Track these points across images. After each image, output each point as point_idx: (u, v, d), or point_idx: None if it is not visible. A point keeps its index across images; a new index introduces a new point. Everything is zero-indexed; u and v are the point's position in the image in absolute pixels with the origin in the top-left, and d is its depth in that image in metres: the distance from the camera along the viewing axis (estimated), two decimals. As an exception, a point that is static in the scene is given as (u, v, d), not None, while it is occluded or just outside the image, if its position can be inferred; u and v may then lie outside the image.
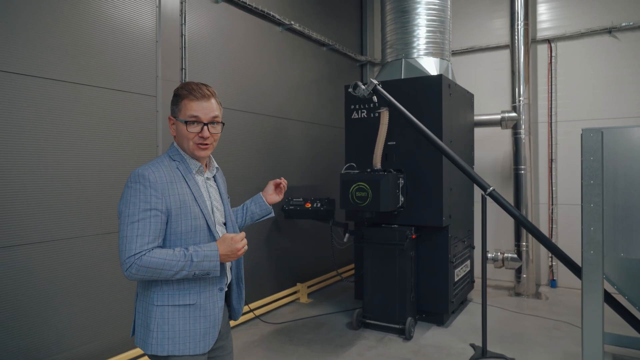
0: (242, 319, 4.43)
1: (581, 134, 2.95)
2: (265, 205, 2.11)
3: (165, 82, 3.77)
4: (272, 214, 2.17)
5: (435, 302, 4.33)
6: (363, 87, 4.15)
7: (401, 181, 4.18)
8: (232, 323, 4.26)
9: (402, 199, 4.20)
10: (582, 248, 2.87)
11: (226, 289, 1.87)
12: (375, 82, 4.10)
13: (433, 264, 4.33)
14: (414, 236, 4.20)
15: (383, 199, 3.84)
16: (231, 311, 1.96)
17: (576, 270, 3.17)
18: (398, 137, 4.32)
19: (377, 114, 4.36)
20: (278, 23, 5.19)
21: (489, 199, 3.63)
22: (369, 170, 4.21)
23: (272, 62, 5.14)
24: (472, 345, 3.90)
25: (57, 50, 3.03)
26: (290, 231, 5.39)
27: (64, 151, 3.07)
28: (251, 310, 4.48)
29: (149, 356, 1.73)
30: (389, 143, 4.34)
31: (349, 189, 3.97)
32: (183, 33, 3.92)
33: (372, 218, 4.25)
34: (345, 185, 4.00)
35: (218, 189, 1.92)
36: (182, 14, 3.91)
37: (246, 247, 1.73)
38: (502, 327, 4.41)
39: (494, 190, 3.62)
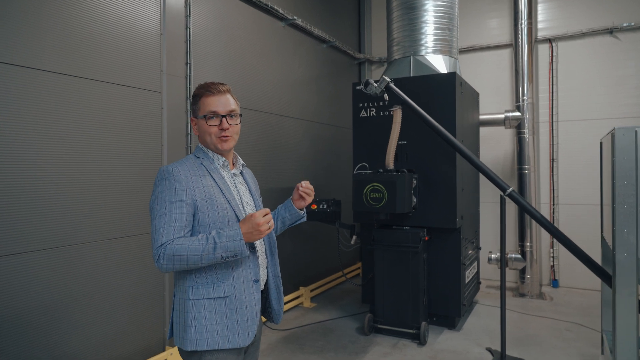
0: (248, 326, 4.23)
1: (613, 133, 2.88)
2: (295, 211, 2.02)
3: (170, 77, 3.55)
4: (304, 219, 2.08)
5: (447, 306, 4.23)
6: (375, 84, 4.02)
7: (414, 182, 4.06)
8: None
9: (415, 200, 4.09)
10: (614, 251, 2.80)
11: (263, 287, 1.86)
12: (388, 79, 3.98)
13: (445, 267, 4.22)
14: (427, 238, 4.09)
15: (399, 200, 3.71)
16: (272, 313, 1.93)
17: (602, 274, 3.09)
18: (408, 136, 4.19)
19: (387, 113, 4.24)
20: (281, 18, 5.01)
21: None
22: (381, 170, 4.08)
23: (275, 58, 4.96)
24: (490, 350, 3.81)
25: (56, 41, 2.79)
26: (291, 233, 5.21)
27: (65, 149, 2.83)
28: (257, 317, 4.29)
29: (188, 353, 1.70)
30: (399, 142, 4.21)
31: (363, 189, 3.83)
32: (188, 25, 3.70)
33: (386, 220, 4.11)
34: (358, 186, 3.86)
35: (247, 186, 1.93)
36: (187, 5, 3.70)
37: (271, 223, 1.65)
38: (513, 329, 4.34)
39: (513, 190, 3.54)
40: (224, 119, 1.78)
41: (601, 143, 3.79)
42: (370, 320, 4.19)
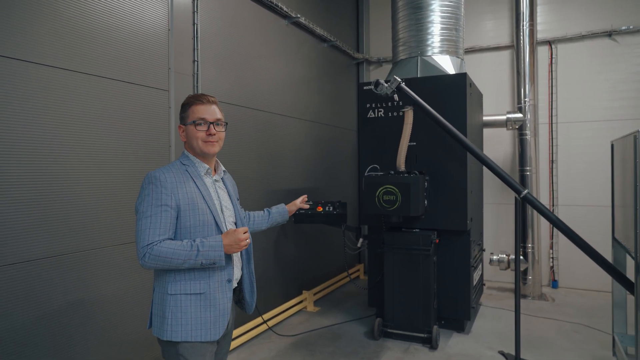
0: (254, 331, 4.12)
1: (635, 136, 2.86)
2: (287, 218, 2.65)
3: (178, 75, 3.41)
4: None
5: (456, 308, 4.18)
6: (385, 85, 3.96)
7: (426, 184, 4.01)
8: (244, 328, 3.99)
9: (426, 202, 4.03)
10: (635, 253, 2.78)
11: (236, 285, 2.07)
12: (399, 79, 3.92)
13: (454, 269, 4.18)
14: (437, 240, 4.04)
15: (413, 203, 3.65)
16: (244, 304, 2.15)
17: (623, 281, 3.08)
18: (418, 137, 4.13)
19: (397, 114, 4.17)
20: (284, 16, 4.89)
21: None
22: (392, 172, 4.01)
23: (279, 57, 4.84)
24: (502, 353, 3.78)
25: (60, 36, 2.63)
26: (293, 237, 5.11)
27: (68, 148, 2.67)
28: (265, 322, 4.17)
29: (165, 342, 1.87)
30: (409, 144, 4.15)
31: (375, 192, 3.75)
32: (195, 21, 3.57)
33: (395, 222, 4.04)
34: (370, 189, 3.78)
35: (227, 191, 2.11)
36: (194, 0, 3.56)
37: (249, 240, 1.91)
38: (521, 331, 4.31)
39: (528, 193, 3.52)
40: (211, 126, 1.96)
41: (612, 145, 3.80)
42: (380, 324, 4.11)
